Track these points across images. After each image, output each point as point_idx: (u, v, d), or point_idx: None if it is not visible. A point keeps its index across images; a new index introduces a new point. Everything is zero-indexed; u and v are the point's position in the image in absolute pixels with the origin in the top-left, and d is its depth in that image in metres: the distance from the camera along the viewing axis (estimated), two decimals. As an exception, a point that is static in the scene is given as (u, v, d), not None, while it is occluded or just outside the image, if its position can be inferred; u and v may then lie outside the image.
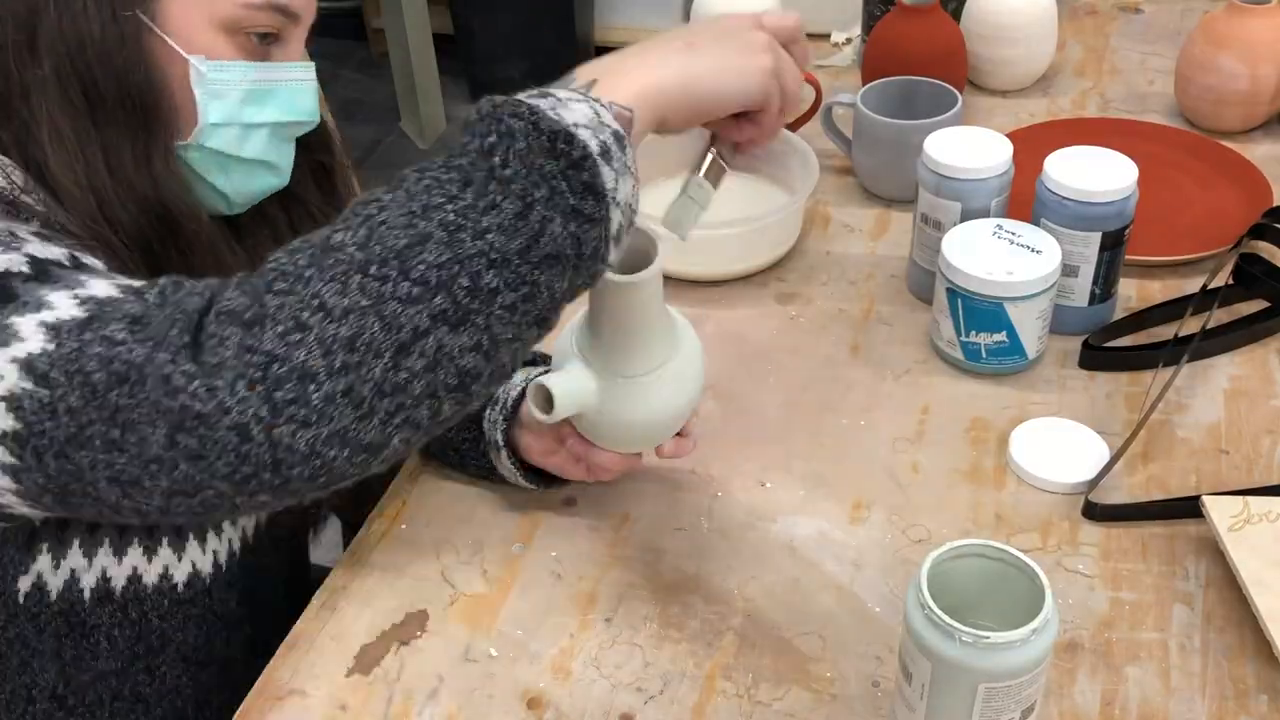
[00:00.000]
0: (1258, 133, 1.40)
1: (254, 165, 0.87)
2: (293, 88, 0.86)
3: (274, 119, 0.86)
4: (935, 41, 1.40)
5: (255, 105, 0.84)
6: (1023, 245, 1.05)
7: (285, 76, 0.85)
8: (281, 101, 0.86)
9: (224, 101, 0.82)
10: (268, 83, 0.84)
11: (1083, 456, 0.98)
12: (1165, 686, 0.82)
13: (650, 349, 0.84)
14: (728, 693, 0.83)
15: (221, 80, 0.82)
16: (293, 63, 0.86)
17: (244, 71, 0.82)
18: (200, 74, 0.81)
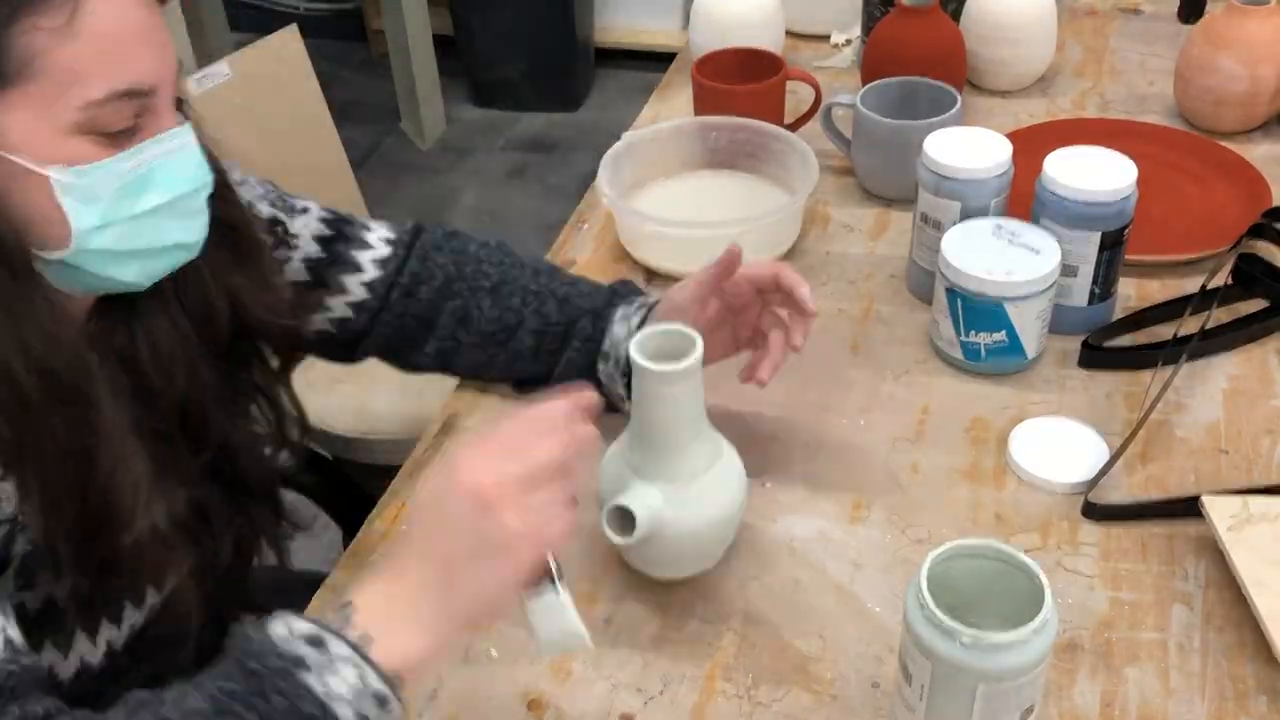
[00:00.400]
0: (1257, 133, 1.40)
1: (152, 253, 0.80)
2: (170, 161, 0.78)
3: (161, 200, 0.78)
4: (935, 42, 1.40)
5: (132, 196, 0.76)
6: (1022, 245, 1.05)
7: (159, 151, 0.77)
8: (164, 179, 0.78)
9: (97, 203, 0.75)
10: (139, 167, 0.76)
11: (1082, 456, 0.98)
12: (1165, 687, 0.82)
13: (703, 443, 0.86)
14: (728, 693, 0.83)
15: (89, 184, 0.74)
16: (163, 133, 0.77)
17: (110, 168, 0.74)
18: (63, 184, 0.73)
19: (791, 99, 1.45)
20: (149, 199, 0.77)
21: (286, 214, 1.01)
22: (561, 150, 3.29)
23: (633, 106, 1.63)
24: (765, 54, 1.41)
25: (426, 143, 3.34)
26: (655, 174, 1.34)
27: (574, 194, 3.14)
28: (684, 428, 0.83)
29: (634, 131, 1.34)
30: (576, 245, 1.31)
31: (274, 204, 1.00)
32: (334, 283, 1.02)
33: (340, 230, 1.04)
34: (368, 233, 1.05)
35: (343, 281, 1.02)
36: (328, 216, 1.04)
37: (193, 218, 0.81)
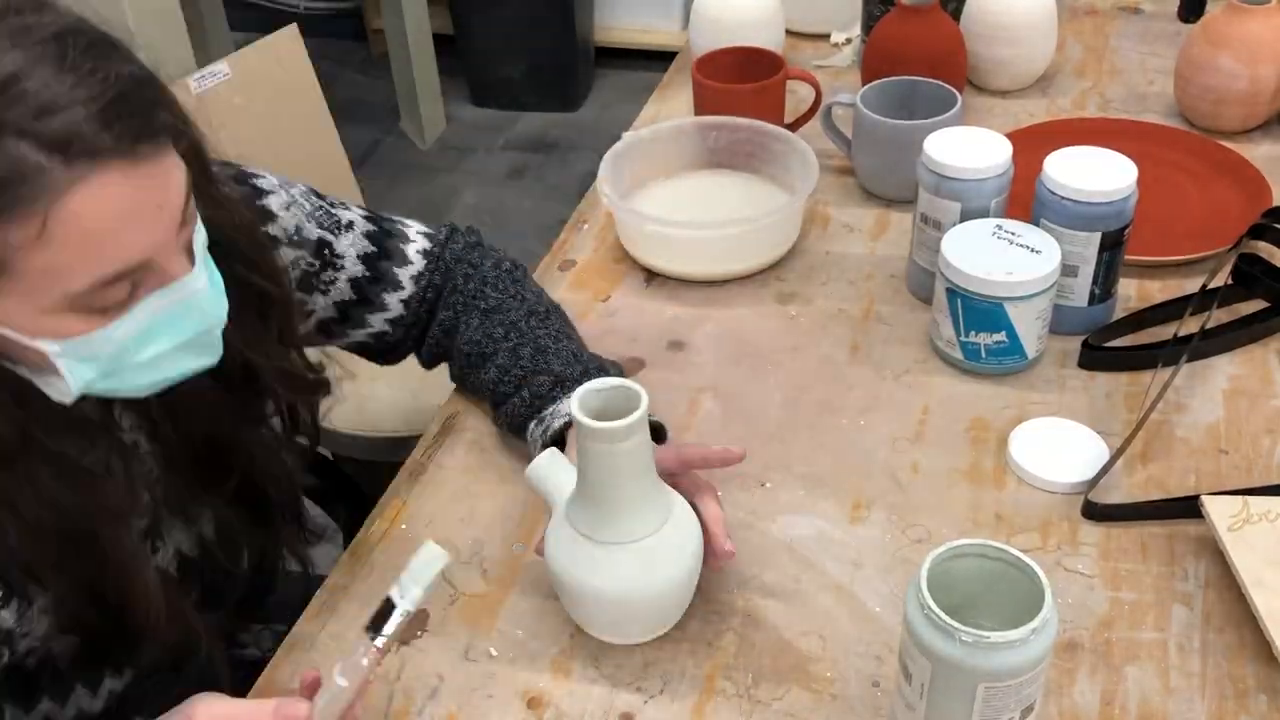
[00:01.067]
0: (1257, 133, 1.40)
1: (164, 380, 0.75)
2: (178, 307, 0.71)
3: (167, 347, 0.72)
4: (935, 41, 1.40)
5: (134, 349, 0.71)
6: (1022, 245, 1.05)
7: (162, 304, 0.70)
8: (166, 330, 0.71)
9: (95, 362, 0.70)
10: (139, 327, 0.70)
11: (1082, 456, 0.98)
12: (1164, 686, 0.82)
13: (651, 502, 0.82)
14: (728, 693, 0.83)
15: (82, 351, 0.69)
16: (165, 288, 0.70)
17: (106, 336, 0.69)
18: (55, 353, 0.68)
19: (791, 99, 1.45)
20: (153, 348, 0.72)
21: (333, 232, 1.00)
22: (561, 150, 3.29)
23: (633, 106, 1.63)
24: (765, 54, 1.41)
25: (426, 142, 3.34)
26: (655, 174, 1.34)
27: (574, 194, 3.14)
28: (629, 487, 0.80)
29: (634, 131, 1.34)
30: (576, 245, 1.31)
31: (321, 223, 0.99)
32: (376, 300, 1.03)
33: (383, 246, 1.03)
34: (406, 245, 1.05)
35: (384, 300, 1.03)
36: (372, 230, 1.03)
37: (208, 348, 0.76)
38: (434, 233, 1.08)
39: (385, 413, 1.53)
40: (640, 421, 0.77)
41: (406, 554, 0.94)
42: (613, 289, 1.23)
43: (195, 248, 0.73)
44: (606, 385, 0.80)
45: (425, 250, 1.06)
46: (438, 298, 1.06)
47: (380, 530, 0.98)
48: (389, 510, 1.00)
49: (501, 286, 1.06)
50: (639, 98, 1.65)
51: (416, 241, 1.06)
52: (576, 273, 1.26)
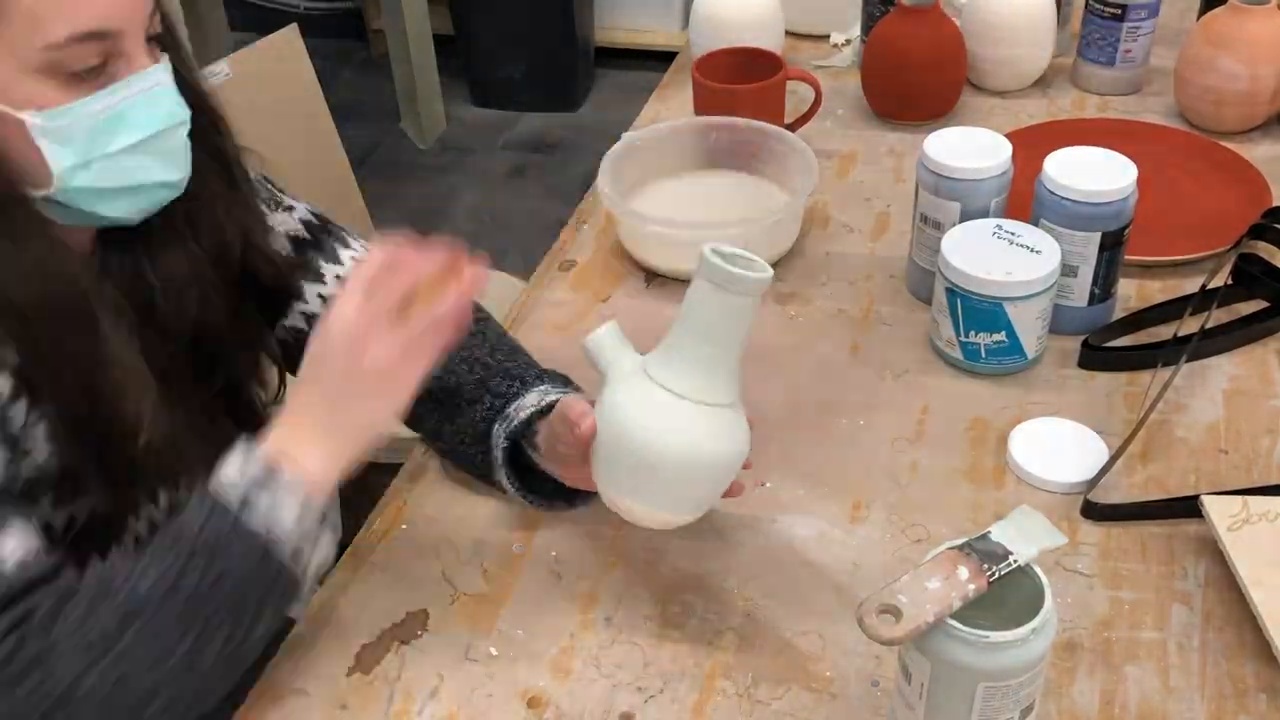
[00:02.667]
0: (1257, 133, 1.40)
1: (136, 190, 0.82)
2: (143, 99, 0.80)
3: (136, 139, 0.80)
4: (935, 42, 1.40)
5: (106, 134, 0.78)
6: (1022, 245, 1.05)
7: (131, 92, 0.79)
8: (137, 118, 0.79)
9: (73, 143, 0.77)
10: (111, 108, 0.78)
11: (1082, 456, 0.98)
12: (1164, 686, 0.82)
13: (736, 377, 0.82)
14: (728, 692, 0.83)
15: (61, 125, 0.76)
16: (136, 74, 0.79)
17: (81, 108, 0.77)
18: (37, 126, 0.76)
19: (791, 99, 1.45)
20: (123, 138, 0.79)
21: (269, 208, 1.01)
22: (561, 150, 3.29)
23: (633, 106, 1.63)
24: (765, 54, 1.41)
25: (426, 142, 3.34)
26: (655, 174, 1.34)
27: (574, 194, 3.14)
28: (733, 348, 0.80)
29: (634, 131, 1.34)
30: (576, 245, 1.31)
31: (260, 196, 1.00)
32: (294, 287, 1.01)
33: (317, 238, 1.03)
34: (344, 249, 1.03)
35: (303, 289, 1.01)
36: (312, 221, 1.03)
37: (173, 156, 0.83)
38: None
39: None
40: (767, 279, 0.79)
41: (409, 553, 0.95)
42: (613, 289, 1.23)
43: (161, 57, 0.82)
44: (732, 251, 0.81)
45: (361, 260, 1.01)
46: None
47: (380, 530, 0.98)
48: (389, 510, 1.00)
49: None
50: (639, 98, 1.65)
51: (357, 251, 1.04)
52: (576, 273, 1.26)
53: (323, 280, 1.02)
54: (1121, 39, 1.46)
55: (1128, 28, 1.45)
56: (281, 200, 1.03)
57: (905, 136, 1.45)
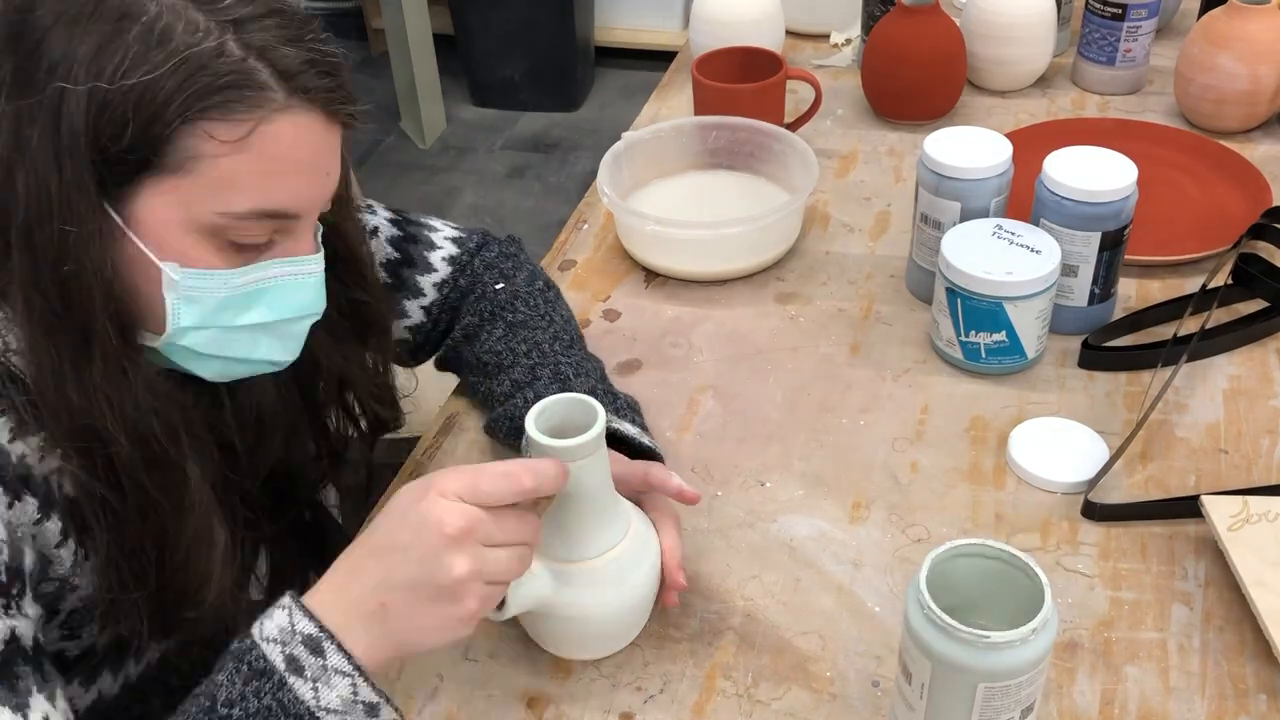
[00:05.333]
0: (1257, 133, 1.40)
1: (238, 361, 0.79)
2: (289, 284, 0.77)
3: (264, 320, 0.76)
4: (935, 41, 1.40)
5: (237, 308, 0.75)
6: (1022, 245, 1.05)
7: (280, 273, 0.76)
8: (274, 301, 0.76)
9: (199, 306, 0.74)
10: (255, 283, 0.75)
11: (1082, 456, 0.98)
12: (1165, 686, 0.82)
13: (607, 521, 0.80)
14: (727, 692, 0.83)
15: (197, 287, 0.73)
16: (293, 258, 0.76)
17: (225, 279, 0.74)
18: (172, 281, 0.72)
19: (791, 99, 1.45)
20: (251, 315, 0.76)
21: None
22: (561, 150, 3.29)
23: (633, 106, 1.64)
24: (765, 53, 1.41)
25: (426, 142, 3.34)
26: (655, 174, 1.34)
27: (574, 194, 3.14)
28: (583, 506, 0.78)
29: (634, 131, 1.34)
30: (576, 245, 1.31)
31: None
32: (397, 308, 1.03)
33: (406, 252, 1.03)
34: (431, 251, 1.04)
35: (404, 307, 1.03)
36: (396, 235, 1.03)
37: (291, 340, 0.80)
38: (465, 238, 1.08)
39: (385, 413, 1.53)
40: (594, 440, 0.75)
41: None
42: (613, 289, 1.23)
43: (319, 245, 0.80)
44: (564, 400, 0.78)
45: (452, 257, 1.05)
46: (460, 302, 1.05)
47: (380, 530, 0.98)
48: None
49: (533, 303, 1.05)
50: (639, 98, 1.65)
51: (443, 248, 1.05)
52: (576, 273, 1.26)
53: (423, 294, 1.03)
54: (1121, 39, 1.46)
55: (1128, 27, 1.45)
56: (365, 223, 0.98)
57: (905, 136, 1.45)
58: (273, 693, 0.66)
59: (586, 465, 0.76)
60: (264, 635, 0.68)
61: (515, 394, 0.99)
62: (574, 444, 0.74)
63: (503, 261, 1.08)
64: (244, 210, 0.71)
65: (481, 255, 1.07)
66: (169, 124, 0.68)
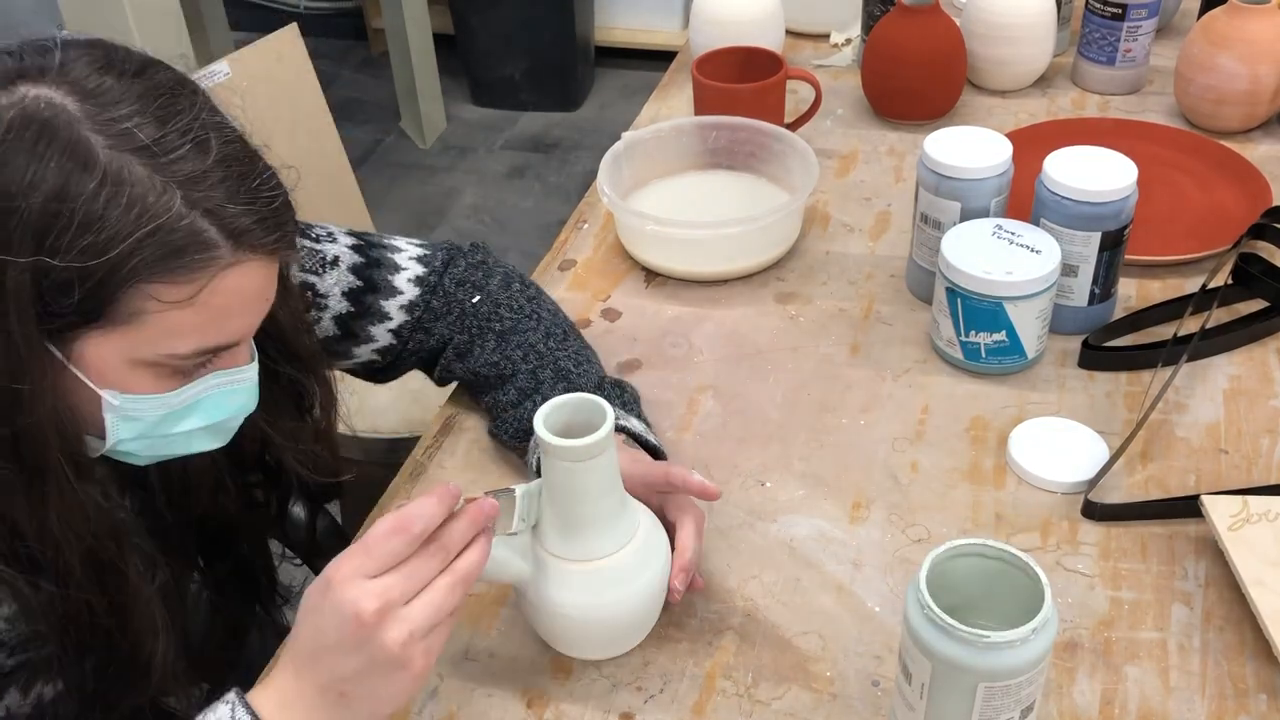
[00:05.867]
0: (1258, 133, 1.40)
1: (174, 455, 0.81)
2: (224, 391, 0.78)
3: (200, 425, 0.78)
4: (935, 41, 1.40)
5: (174, 420, 0.77)
6: (1022, 245, 1.05)
7: (217, 384, 0.77)
8: (210, 408, 0.78)
9: (137, 424, 0.75)
10: (192, 398, 0.76)
11: (1082, 456, 0.98)
12: (1165, 686, 0.82)
13: (616, 521, 0.80)
14: (728, 692, 0.83)
15: (135, 409, 0.74)
16: (226, 369, 0.77)
17: (162, 400, 0.75)
18: (111, 404, 0.73)
19: (791, 99, 1.45)
20: (190, 422, 0.77)
21: (317, 273, 0.99)
22: (561, 150, 3.29)
23: (633, 106, 1.64)
24: (765, 53, 1.41)
25: (426, 142, 3.34)
26: (655, 174, 1.34)
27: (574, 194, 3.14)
28: (590, 505, 0.78)
29: (634, 131, 1.34)
30: (576, 245, 1.31)
31: (304, 266, 0.98)
32: (362, 334, 1.03)
33: (369, 279, 1.02)
34: (396, 274, 1.03)
35: (370, 332, 1.03)
36: (358, 263, 1.02)
37: (225, 434, 0.82)
38: (430, 255, 1.06)
39: (385, 413, 1.53)
40: (604, 440, 0.75)
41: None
42: (613, 289, 1.23)
43: (253, 351, 0.81)
44: (573, 400, 0.78)
45: (418, 277, 1.04)
46: (435, 322, 1.04)
47: (380, 530, 0.98)
48: (389, 510, 1.00)
49: (516, 306, 1.05)
50: (639, 98, 1.65)
51: (408, 269, 1.04)
52: (576, 273, 1.26)
53: (389, 318, 1.03)
54: (1121, 38, 1.46)
55: (1128, 27, 1.45)
56: (325, 256, 1.00)
57: (905, 136, 1.45)
58: None
59: (595, 464, 0.76)
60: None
61: (523, 401, 0.99)
62: (583, 444, 0.75)
63: (473, 274, 1.06)
64: (187, 352, 0.73)
65: (450, 273, 1.05)
66: (115, 287, 0.68)
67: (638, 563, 0.81)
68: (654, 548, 0.83)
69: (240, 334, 0.76)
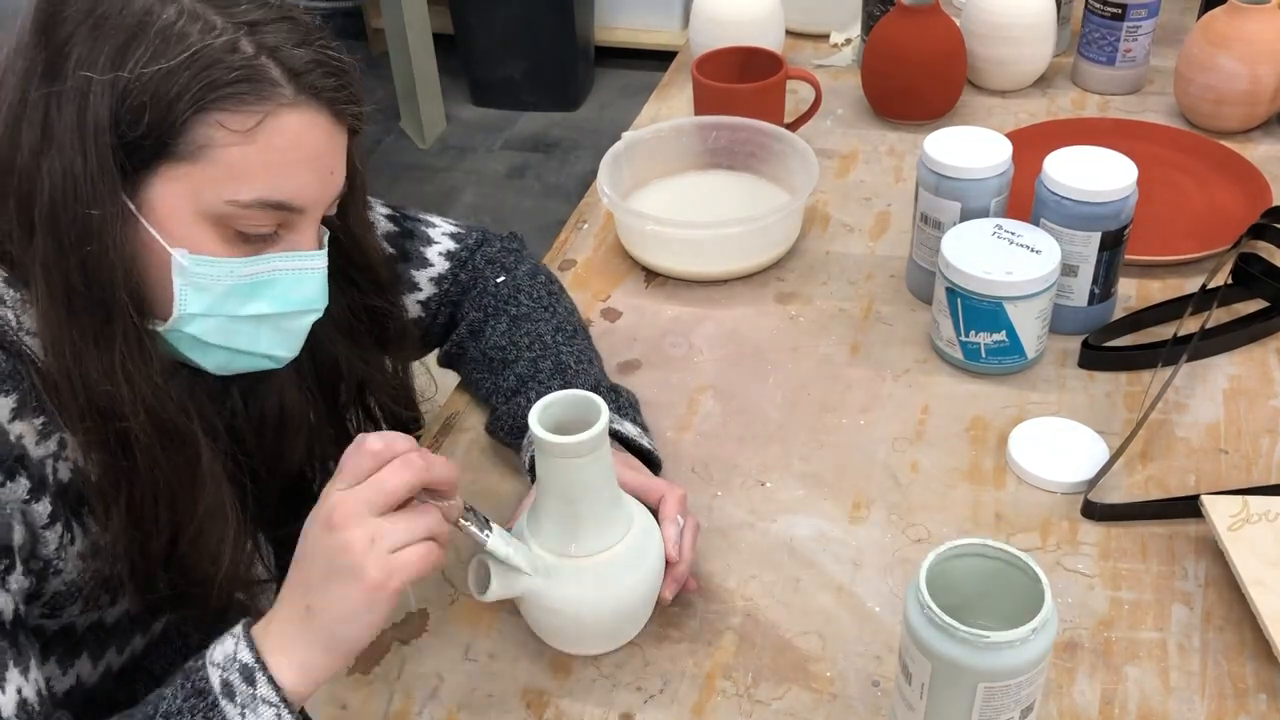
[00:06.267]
0: (1257, 133, 1.40)
1: (239, 354, 0.80)
2: (292, 277, 0.79)
3: (267, 311, 0.79)
4: (935, 41, 1.40)
5: (241, 297, 0.77)
6: (1022, 245, 1.05)
7: (284, 266, 0.78)
8: (278, 293, 0.79)
9: (206, 294, 0.76)
10: (261, 275, 0.77)
11: (1082, 456, 0.98)
12: (1164, 686, 0.82)
13: (609, 517, 0.81)
14: (727, 692, 0.83)
15: (204, 274, 0.75)
16: (296, 252, 0.78)
17: (231, 267, 0.76)
18: (181, 266, 0.75)
19: (791, 99, 1.45)
20: (256, 305, 0.78)
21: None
22: (561, 150, 3.29)
23: (633, 106, 1.63)
24: (765, 53, 1.41)
25: (426, 142, 3.34)
26: (655, 174, 1.34)
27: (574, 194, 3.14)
28: (584, 502, 0.78)
29: (634, 131, 1.34)
30: (576, 245, 1.31)
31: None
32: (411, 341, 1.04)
33: (401, 248, 1.04)
34: (428, 247, 1.05)
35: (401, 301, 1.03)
36: (391, 231, 1.04)
37: (292, 336, 0.82)
38: (465, 234, 1.08)
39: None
40: (597, 437, 0.76)
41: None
42: (613, 289, 1.23)
43: (325, 241, 0.82)
44: (567, 397, 0.79)
45: (450, 252, 1.06)
46: (462, 298, 1.06)
47: (380, 530, 0.98)
48: (389, 510, 1.00)
49: (535, 295, 1.06)
50: (639, 98, 1.65)
51: (441, 243, 1.06)
52: (576, 273, 1.26)
53: (418, 289, 1.05)
54: (1121, 38, 1.46)
55: (1128, 27, 1.45)
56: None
57: (905, 136, 1.45)
58: (205, 712, 0.69)
59: (588, 461, 0.77)
60: (210, 659, 0.71)
61: (519, 391, 0.99)
62: (577, 440, 0.75)
63: (504, 256, 1.08)
64: (250, 199, 0.74)
65: (483, 250, 1.08)
66: (183, 113, 0.71)
67: (632, 558, 0.82)
68: (648, 543, 0.83)
69: (303, 196, 0.76)
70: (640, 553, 0.82)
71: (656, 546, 0.84)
